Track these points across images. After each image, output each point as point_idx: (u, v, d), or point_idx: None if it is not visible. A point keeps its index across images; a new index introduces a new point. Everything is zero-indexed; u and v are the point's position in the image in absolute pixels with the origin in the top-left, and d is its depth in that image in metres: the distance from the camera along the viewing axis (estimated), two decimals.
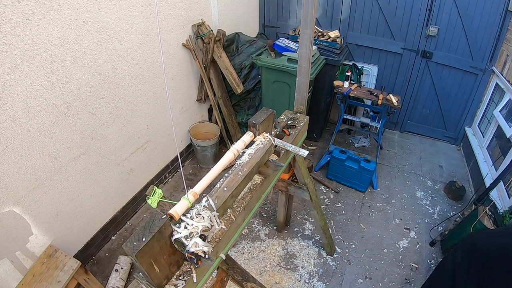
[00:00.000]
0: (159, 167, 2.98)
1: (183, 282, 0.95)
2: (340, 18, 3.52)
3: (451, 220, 2.51)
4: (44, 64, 1.72)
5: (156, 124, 2.74)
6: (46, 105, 1.80)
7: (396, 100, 2.92)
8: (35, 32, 1.64)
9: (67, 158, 2.01)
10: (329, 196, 3.05)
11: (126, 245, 0.80)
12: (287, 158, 1.64)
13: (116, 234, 2.62)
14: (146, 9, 2.30)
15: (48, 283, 1.80)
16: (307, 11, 1.48)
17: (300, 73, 1.71)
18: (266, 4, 3.84)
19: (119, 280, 2.16)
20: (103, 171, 2.33)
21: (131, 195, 2.71)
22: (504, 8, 2.85)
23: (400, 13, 3.23)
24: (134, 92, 2.41)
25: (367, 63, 3.66)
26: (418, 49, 3.31)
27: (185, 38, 2.81)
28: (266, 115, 1.35)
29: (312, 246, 2.57)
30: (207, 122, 3.38)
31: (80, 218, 2.24)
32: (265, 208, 2.91)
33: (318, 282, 2.31)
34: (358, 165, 2.93)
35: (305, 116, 1.82)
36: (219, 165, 1.14)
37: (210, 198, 1.03)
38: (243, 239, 2.61)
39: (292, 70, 2.86)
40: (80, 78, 1.96)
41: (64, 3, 1.74)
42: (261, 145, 1.31)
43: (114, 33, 2.11)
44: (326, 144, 3.68)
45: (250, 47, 3.20)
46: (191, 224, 0.92)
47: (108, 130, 2.27)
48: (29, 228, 1.89)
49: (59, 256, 1.93)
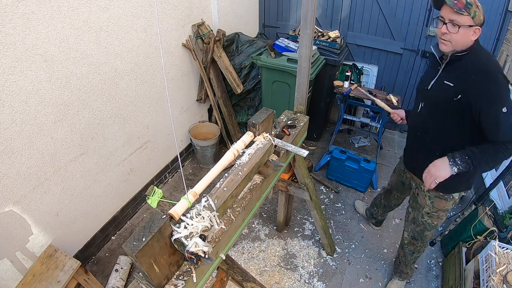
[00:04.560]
0: (159, 167, 2.98)
1: (183, 282, 0.95)
2: (340, 18, 3.52)
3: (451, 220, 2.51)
4: (44, 64, 1.72)
5: (156, 124, 2.74)
6: (46, 105, 1.80)
7: (396, 100, 2.92)
8: (35, 32, 1.64)
9: (67, 158, 2.01)
10: (329, 196, 3.04)
11: (126, 245, 0.80)
12: (287, 158, 1.64)
13: (116, 234, 2.62)
14: (146, 9, 2.30)
15: (48, 283, 1.80)
16: (307, 11, 1.48)
17: (300, 73, 1.71)
18: (266, 4, 3.84)
19: (119, 280, 2.16)
20: (103, 171, 2.33)
21: (131, 195, 2.71)
22: (504, 8, 2.85)
23: (400, 13, 3.23)
24: (134, 92, 2.41)
25: (367, 63, 3.65)
26: (418, 49, 3.31)
27: (185, 38, 2.81)
28: (266, 115, 1.35)
29: (312, 246, 2.57)
30: (207, 122, 3.38)
31: (80, 218, 2.24)
32: (265, 208, 2.91)
33: (318, 282, 2.31)
34: (358, 165, 2.93)
35: (305, 116, 1.82)
36: (219, 165, 1.14)
37: (210, 198, 1.03)
38: (243, 239, 2.61)
39: (292, 70, 2.86)
40: (80, 78, 1.96)
41: (64, 3, 1.74)
42: (261, 145, 1.31)
43: (114, 33, 2.11)
44: (326, 144, 3.68)
45: (250, 47, 3.20)
46: (191, 224, 0.92)
47: (108, 130, 2.27)
48: (29, 228, 1.89)
49: (59, 256, 1.93)
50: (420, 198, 1.82)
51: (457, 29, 1.33)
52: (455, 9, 1.29)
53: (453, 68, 1.45)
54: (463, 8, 1.29)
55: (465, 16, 1.30)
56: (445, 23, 1.36)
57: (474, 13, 1.30)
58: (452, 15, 1.32)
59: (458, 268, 2.13)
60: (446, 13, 1.34)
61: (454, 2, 1.30)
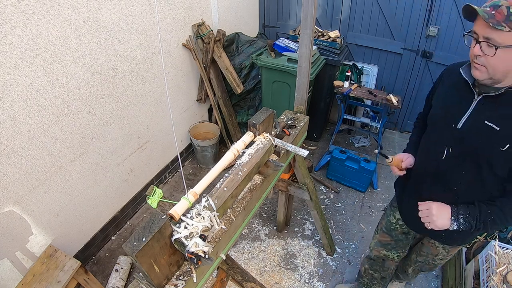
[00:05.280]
0: (159, 167, 2.98)
1: (183, 282, 0.95)
2: (340, 18, 3.52)
3: None
4: (44, 64, 1.72)
5: (156, 124, 2.74)
6: (46, 105, 1.80)
7: (396, 100, 2.92)
8: (35, 32, 1.64)
9: (67, 158, 2.01)
10: (329, 196, 3.04)
11: (126, 245, 0.80)
12: (287, 158, 1.64)
13: (116, 234, 2.62)
14: (146, 9, 2.30)
15: (48, 283, 1.80)
16: (307, 11, 1.48)
17: (300, 73, 1.71)
18: (266, 4, 3.84)
19: (119, 280, 2.16)
20: (103, 171, 2.33)
21: (131, 195, 2.71)
22: None
23: (400, 13, 3.23)
24: (134, 92, 2.41)
25: (367, 63, 3.65)
26: (418, 49, 3.31)
27: (185, 38, 2.81)
28: (266, 115, 1.35)
29: (312, 246, 2.57)
30: (207, 122, 3.38)
31: (80, 218, 2.24)
32: (265, 208, 2.91)
33: (318, 282, 2.31)
34: (358, 165, 2.93)
35: (305, 116, 1.82)
36: (219, 165, 1.14)
37: (210, 198, 1.03)
38: (243, 239, 2.61)
39: (292, 70, 2.86)
40: (80, 78, 1.96)
41: (64, 3, 1.73)
42: (261, 145, 1.31)
43: (114, 33, 2.11)
44: (326, 144, 3.68)
45: (250, 47, 3.20)
46: (191, 224, 0.92)
47: (108, 130, 2.27)
48: (29, 228, 1.89)
49: (59, 256, 1.93)
50: (430, 248, 1.55)
51: (493, 51, 0.95)
52: (491, 23, 0.91)
53: (497, 102, 1.06)
54: (503, 22, 0.90)
55: (506, 32, 0.91)
56: (478, 42, 0.98)
57: None
58: (487, 32, 0.94)
59: (458, 268, 2.13)
60: (480, 28, 0.96)
61: (491, 13, 0.92)
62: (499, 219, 1.10)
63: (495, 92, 1.04)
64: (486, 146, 1.07)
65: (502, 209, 1.10)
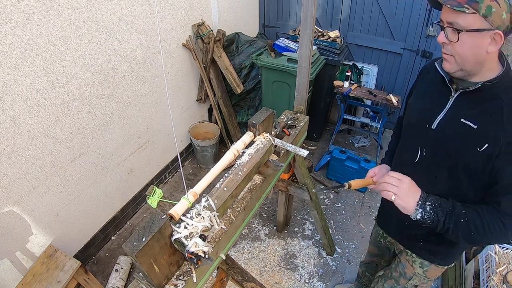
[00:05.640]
0: (159, 167, 2.98)
1: (183, 282, 0.95)
2: (340, 18, 3.52)
3: None
4: (44, 64, 1.72)
5: (156, 124, 2.74)
6: (46, 105, 1.80)
7: (396, 100, 2.92)
8: (35, 32, 1.64)
9: (67, 158, 2.01)
10: (329, 196, 3.05)
11: (126, 245, 0.80)
12: (287, 158, 1.64)
13: (116, 234, 2.62)
14: (146, 9, 2.30)
15: (48, 283, 1.80)
16: (307, 11, 1.48)
17: (300, 73, 1.71)
18: (266, 4, 3.84)
19: (119, 280, 2.16)
20: (103, 171, 2.33)
21: (131, 195, 2.71)
22: None
23: (400, 13, 3.23)
24: (134, 92, 2.41)
25: (367, 63, 3.65)
26: (418, 49, 3.31)
27: (185, 38, 2.81)
28: (266, 115, 1.35)
29: (312, 246, 2.57)
30: (207, 122, 3.38)
31: (80, 218, 2.24)
32: (265, 208, 2.91)
33: (318, 282, 2.31)
34: (358, 165, 2.93)
35: (305, 116, 1.82)
36: (219, 165, 1.14)
37: (210, 198, 1.03)
38: (243, 239, 2.61)
39: (292, 70, 2.86)
40: (80, 78, 1.96)
41: (64, 3, 1.74)
42: (261, 145, 1.31)
43: (114, 33, 2.11)
44: (326, 144, 3.68)
45: (250, 47, 3.20)
46: (191, 224, 0.92)
47: (108, 130, 2.27)
48: (29, 228, 1.89)
49: (59, 256, 1.94)
50: (405, 266, 1.37)
51: (456, 36, 0.86)
52: (453, 6, 0.83)
53: (474, 99, 0.96)
54: (465, 4, 0.82)
55: (470, 15, 0.82)
56: (443, 29, 0.91)
57: (487, 9, 0.81)
58: (451, 16, 0.86)
59: (458, 268, 2.13)
60: (445, 14, 0.89)
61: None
62: (475, 227, 0.94)
63: (472, 87, 0.94)
64: (461, 147, 0.97)
65: (482, 217, 0.94)
